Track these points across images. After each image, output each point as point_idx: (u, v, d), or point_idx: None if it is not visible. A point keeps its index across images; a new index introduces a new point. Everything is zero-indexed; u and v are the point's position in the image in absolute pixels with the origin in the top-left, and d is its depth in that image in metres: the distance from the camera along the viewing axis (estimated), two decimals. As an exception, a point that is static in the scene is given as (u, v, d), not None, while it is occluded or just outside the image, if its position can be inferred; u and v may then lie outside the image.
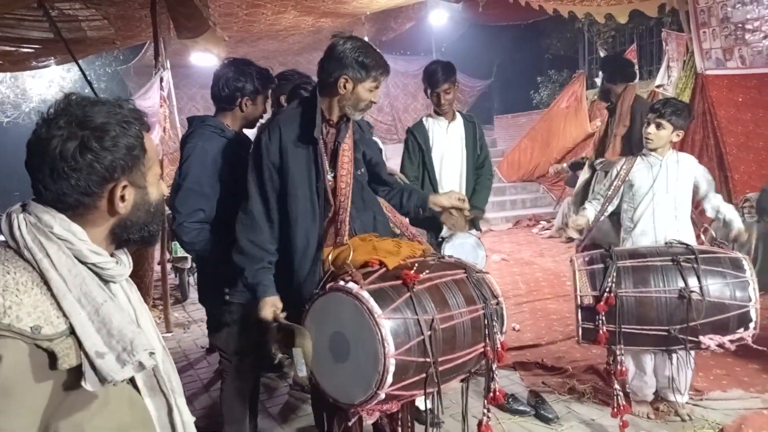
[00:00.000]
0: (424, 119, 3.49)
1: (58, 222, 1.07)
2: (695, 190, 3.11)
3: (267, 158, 2.21)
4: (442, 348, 1.90)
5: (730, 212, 3.05)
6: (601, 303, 2.58)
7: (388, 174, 2.67)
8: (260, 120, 2.70)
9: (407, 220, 2.72)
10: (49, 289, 1.03)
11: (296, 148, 2.21)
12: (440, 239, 3.26)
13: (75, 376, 1.03)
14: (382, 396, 1.83)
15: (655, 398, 3.13)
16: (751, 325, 2.59)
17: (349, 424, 2.03)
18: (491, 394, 2.13)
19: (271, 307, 2.19)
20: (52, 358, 1.00)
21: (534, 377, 3.66)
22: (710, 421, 2.97)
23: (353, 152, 2.29)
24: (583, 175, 4.46)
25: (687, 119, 3.02)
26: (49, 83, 13.17)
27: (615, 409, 2.74)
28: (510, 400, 3.21)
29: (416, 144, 3.38)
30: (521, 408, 3.20)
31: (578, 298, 2.65)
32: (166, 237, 5.28)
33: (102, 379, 1.01)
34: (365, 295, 1.84)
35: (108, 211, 1.13)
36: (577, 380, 3.50)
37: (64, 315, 1.02)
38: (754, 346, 2.64)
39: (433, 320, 1.88)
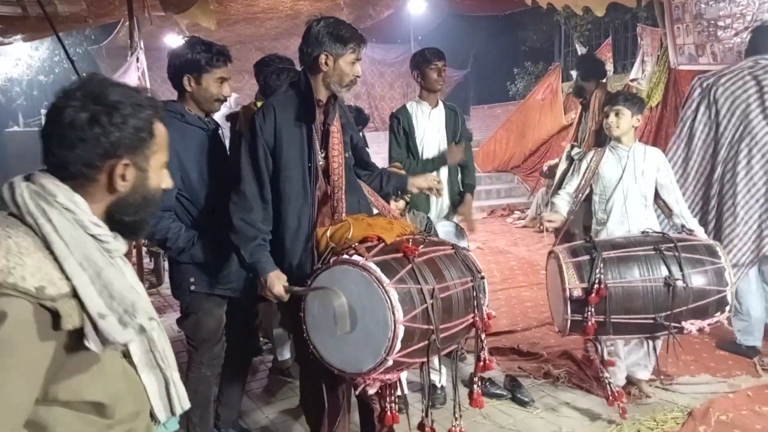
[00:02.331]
0: (408, 104, 3.52)
1: (62, 192, 1.10)
2: (657, 181, 3.19)
3: (261, 138, 2.22)
4: (441, 316, 2.02)
5: (686, 214, 3.14)
6: (593, 295, 2.62)
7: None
8: (224, 103, 2.56)
9: (388, 204, 2.75)
10: (52, 253, 1.05)
11: (290, 129, 2.25)
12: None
13: (76, 339, 1.05)
14: (390, 362, 1.93)
15: (627, 382, 3.23)
16: (727, 308, 2.71)
17: (356, 393, 2.12)
18: (481, 363, 2.23)
19: (279, 280, 2.20)
20: (56, 318, 1.02)
21: (510, 362, 3.74)
22: (679, 405, 3.07)
23: (342, 135, 2.33)
24: (562, 165, 4.54)
25: (641, 105, 3.16)
26: (16, 61, 12.72)
27: (611, 397, 2.84)
28: (487, 383, 3.27)
29: (400, 127, 3.43)
30: (498, 392, 3.27)
31: (567, 291, 2.66)
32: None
33: (104, 340, 1.05)
34: (372, 265, 1.94)
35: (107, 188, 1.15)
36: (552, 365, 3.58)
37: (67, 278, 1.04)
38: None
39: (433, 290, 1.99)
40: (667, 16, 6.12)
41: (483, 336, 2.22)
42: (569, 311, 2.69)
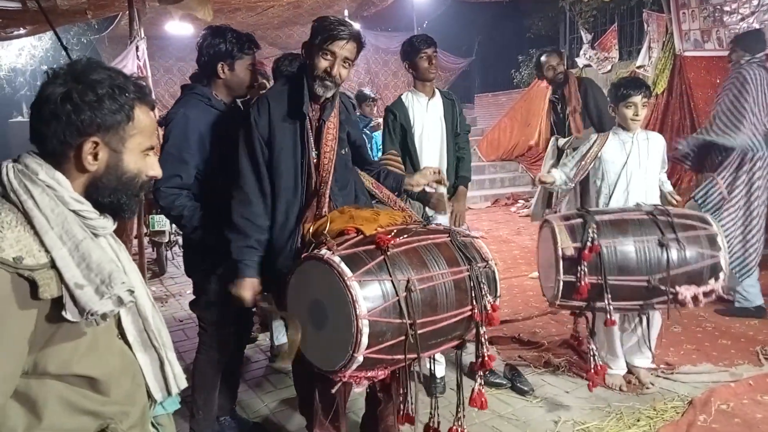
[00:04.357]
0: (403, 97, 3.38)
1: (44, 169, 1.14)
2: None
3: (256, 131, 2.22)
4: (421, 310, 1.90)
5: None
6: (586, 252, 2.59)
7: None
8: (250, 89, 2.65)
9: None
10: (33, 227, 1.09)
11: (284, 124, 2.23)
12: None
13: (59, 309, 1.09)
14: (360, 359, 1.83)
15: (627, 371, 3.22)
16: (721, 275, 2.70)
17: (332, 391, 2.03)
18: (480, 360, 2.09)
19: (250, 289, 2.22)
20: (34, 287, 1.06)
21: (510, 351, 3.73)
22: (680, 394, 3.06)
23: (338, 131, 2.29)
24: (548, 160, 4.52)
25: (649, 90, 3.18)
26: (18, 51, 12.74)
27: (593, 369, 2.81)
28: (487, 373, 3.25)
29: (397, 123, 3.30)
30: (498, 380, 3.26)
31: (560, 250, 2.63)
32: (142, 211, 5.22)
33: (81, 310, 1.08)
34: (336, 259, 1.85)
35: (77, 166, 1.17)
36: (552, 354, 3.58)
37: (46, 250, 1.08)
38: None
39: (409, 281, 1.88)
40: (673, 1, 6.04)
41: (483, 329, 2.07)
42: (562, 272, 2.65)
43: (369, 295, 1.82)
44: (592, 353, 2.85)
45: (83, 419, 1.15)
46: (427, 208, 3.16)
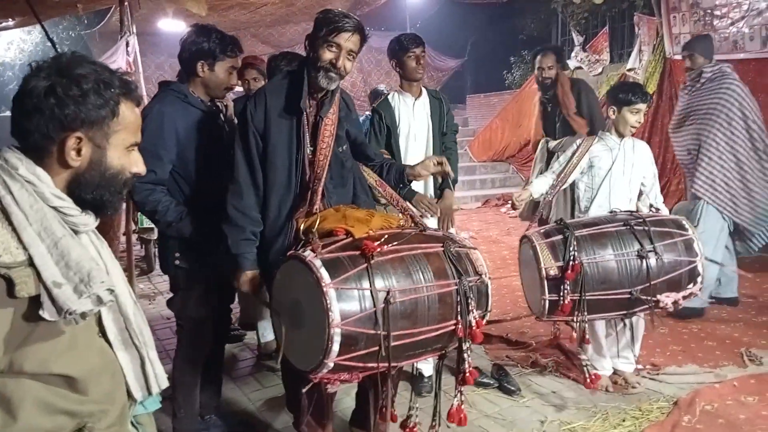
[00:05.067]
0: (389, 97, 3.32)
1: (24, 164, 1.12)
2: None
3: (252, 124, 2.22)
4: (399, 322, 1.85)
5: (660, 204, 3.18)
6: (569, 271, 2.62)
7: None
8: (229, 93, 2.67)
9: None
10: (11, 223, 1.07)
11: (280, 118, 2.23)
12: None
13: (36, 308, 1.06)
14: (331, 365, 1.81)
15: (613, 372, 3.23)
16: (699, 279, 2.76)
17: (303, 391, 2.03)
18: (461, 375, 2.04)
19: (252, 281, 2.24)
20: (10, 285, 1.04)
21: (498, 351, 3.74)
22: (665, 395, 3.07)
23: (336, 128, 2.28)
24: (538, 163, 4.52)
25: None
26: (8, 45, 12.64)
27: (588, 380, 2.84)
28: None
29: (383, 123, 3.25)
30: (485, 380, 3.27)
31: (543, 271, 2.67)
32: (131, 208, 5.18)
33: (59, 309, 1.06)
34: (317, 263, 1.82)
35: (60, 161, 1.15)
36: (540, 354, 3.59)
37: (24, 247, 1.06)
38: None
39: (389, 292, 1.83)
40: (664, 5, 6.08)
41: (466, 346, 2.00)
42: (546, 291, 2.68)
43: (345, 304, 1.79)
44: (583, 363, 2.87)
45: (60, 419, 1.13)
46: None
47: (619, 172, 3.12)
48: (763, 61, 5.31)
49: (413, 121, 3.27)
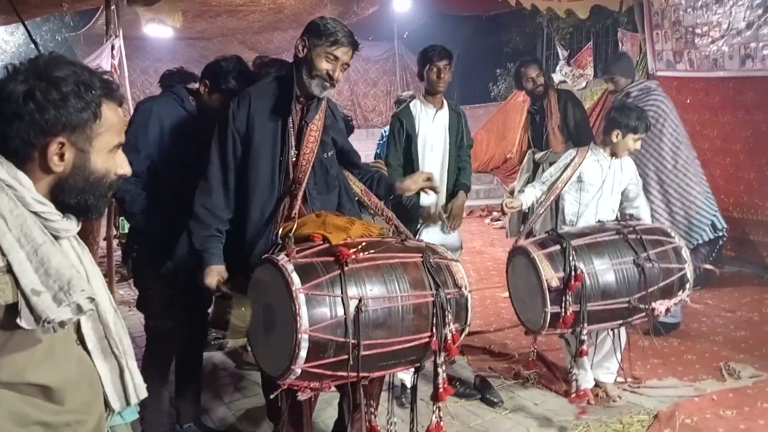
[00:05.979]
0: (411, 105, 3.37)
1: (5, 168, 1.09)
2: (625, 190, 3.25)
3: (232, 125, 2.21)
4: (370, 331, 1.83)
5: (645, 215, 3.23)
6: (572, 282, 2.59)
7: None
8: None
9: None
10: None
11: (264, 121, 2.22)
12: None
13: (13, 315, 1.02)
14: (298, 371, 1.78)
15: (595, 385, 3.24)
16: (688, 286, 2.79)
17: (270, 397, 2.00)
18: (436, 391, 2.01)
19: (216, 275, 2.19)
20: None
21: (481, 362, 3.74)
22: (645, 408, 3.08)
23: (321, 134, 2.28)
24: (524, 174, 4.55)
25: None
26: (-11, 46, 12.48)
27: (574, 395, 2.85)
28: (457, 383, 3.26)
29: (403, 130, 3.28)
30: (467, 391, 3.26)
31: (545, 282, 2.60)
32: (112, 213, 5.12)
33: (37, 318, 1.02)
34: (289, 267, 1.81)
35: (42, 167, 1.12)
36: (523, 366, 3.59)
37: (3, 254, 1.02)
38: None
39: (361, 300, 1.81)
40: (647, 21, 6.17)
41: (441, 359, 1.97)
42: (549, 303, 2.62)
43: (314, 310, 1.77)
44: (574, 377, 2.87)
45: (34, 429, 1.09)
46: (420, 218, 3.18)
47: (607, 192, 3.15)
48: (741, 79, 5.41)
49: (432, 132, 3.32)
